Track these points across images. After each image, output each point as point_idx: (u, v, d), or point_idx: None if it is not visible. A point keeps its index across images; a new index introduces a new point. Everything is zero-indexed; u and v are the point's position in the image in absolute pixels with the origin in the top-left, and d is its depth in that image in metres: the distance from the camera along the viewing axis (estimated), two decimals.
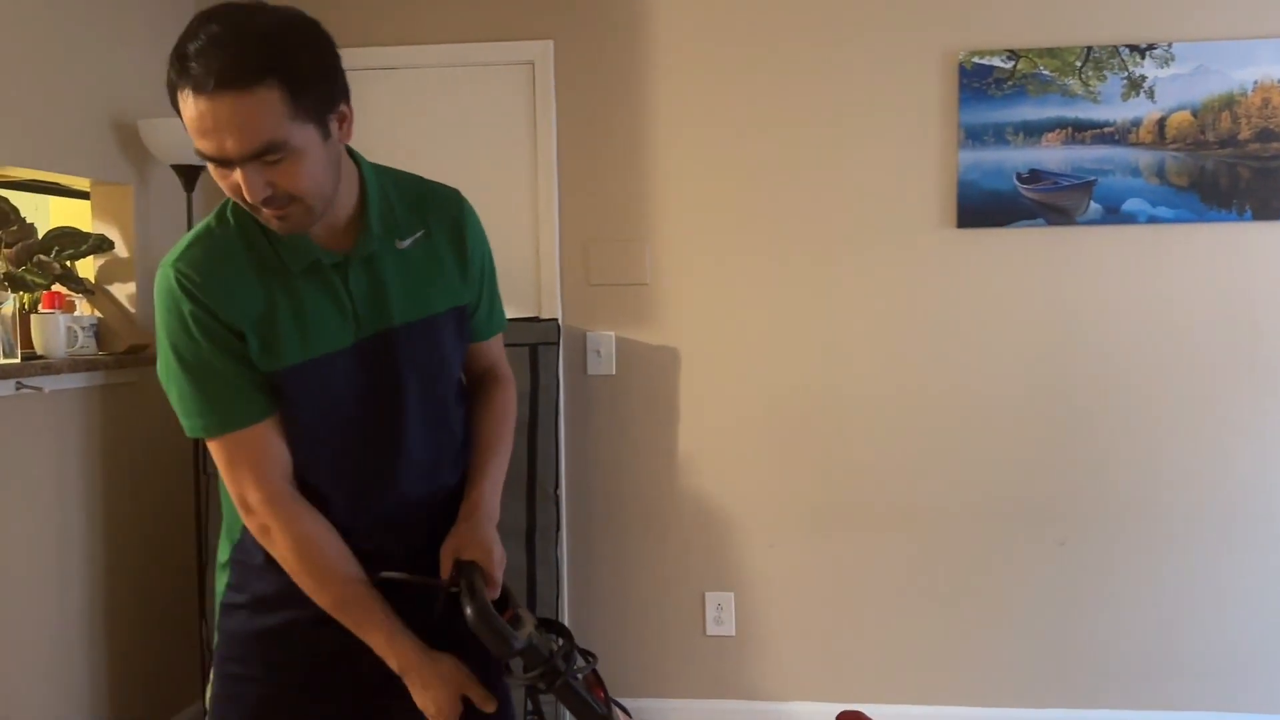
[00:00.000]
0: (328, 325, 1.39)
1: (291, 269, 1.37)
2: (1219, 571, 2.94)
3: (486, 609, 1.35)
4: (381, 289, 1.42)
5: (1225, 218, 2.87)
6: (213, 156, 1.23)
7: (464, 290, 1.51)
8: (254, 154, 1.22)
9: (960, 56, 2.92)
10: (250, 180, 1.23)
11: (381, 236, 1.42)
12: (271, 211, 1.28)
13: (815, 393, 3.07)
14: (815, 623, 3.11)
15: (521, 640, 1.36)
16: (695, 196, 3.08)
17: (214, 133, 1.21)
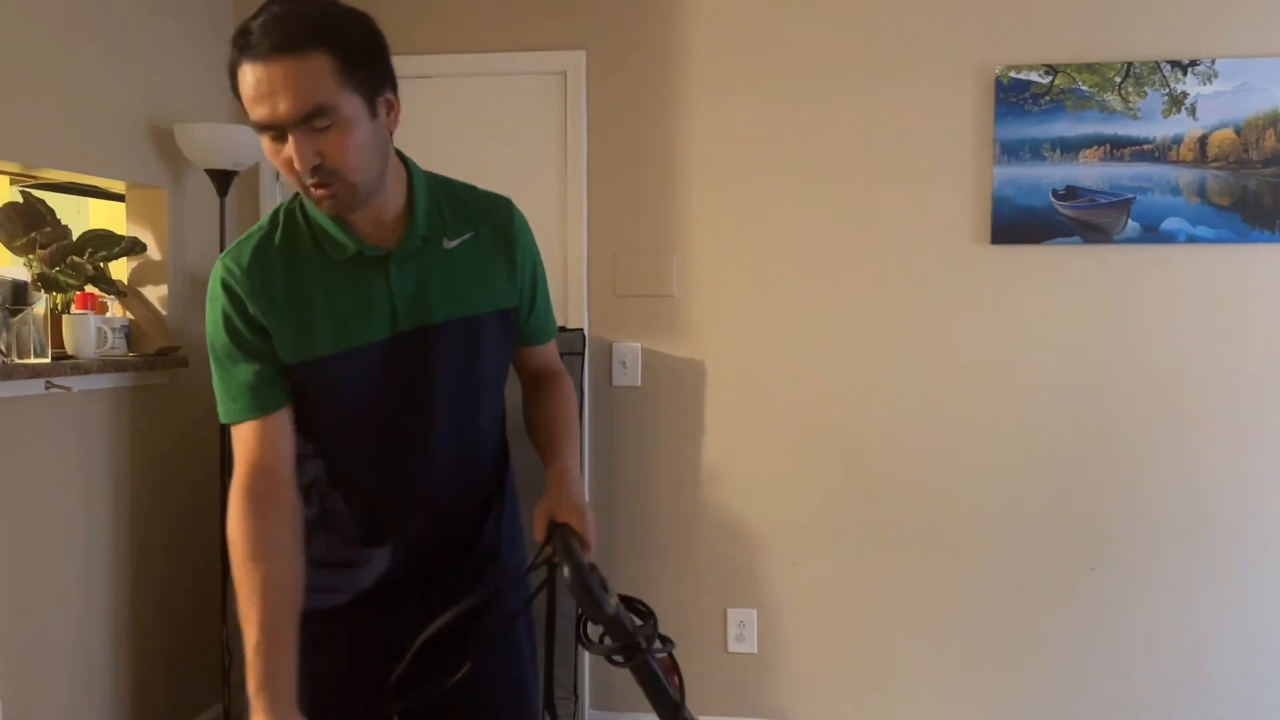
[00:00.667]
0: (364, 318, 1.42)
1: (334, 259, 1.41)
2: (1256, 602, 2.86)
3: (583, 569, 1.34)
4: (424, 285, 1.45)
5: (1268, 239, 2.80)
6: (267, 122, 1.29)
7: (510, 293, 1.53)
8: (305, 115, 1.27)
9: (997, 71, 2.88)
10: (301, 148, 1.28)
11: (427, 235, 1.45)
12: (318, 188, 1.32)
13: (842, 409, 3.03)
14: (838, 643, 3.06)
15: (612, 607, 1.34)
16: (724, 209, 3.06)
17: (269, 96, 1.27)
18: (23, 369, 2.35)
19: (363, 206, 1.38)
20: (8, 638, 2.43)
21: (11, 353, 2.38)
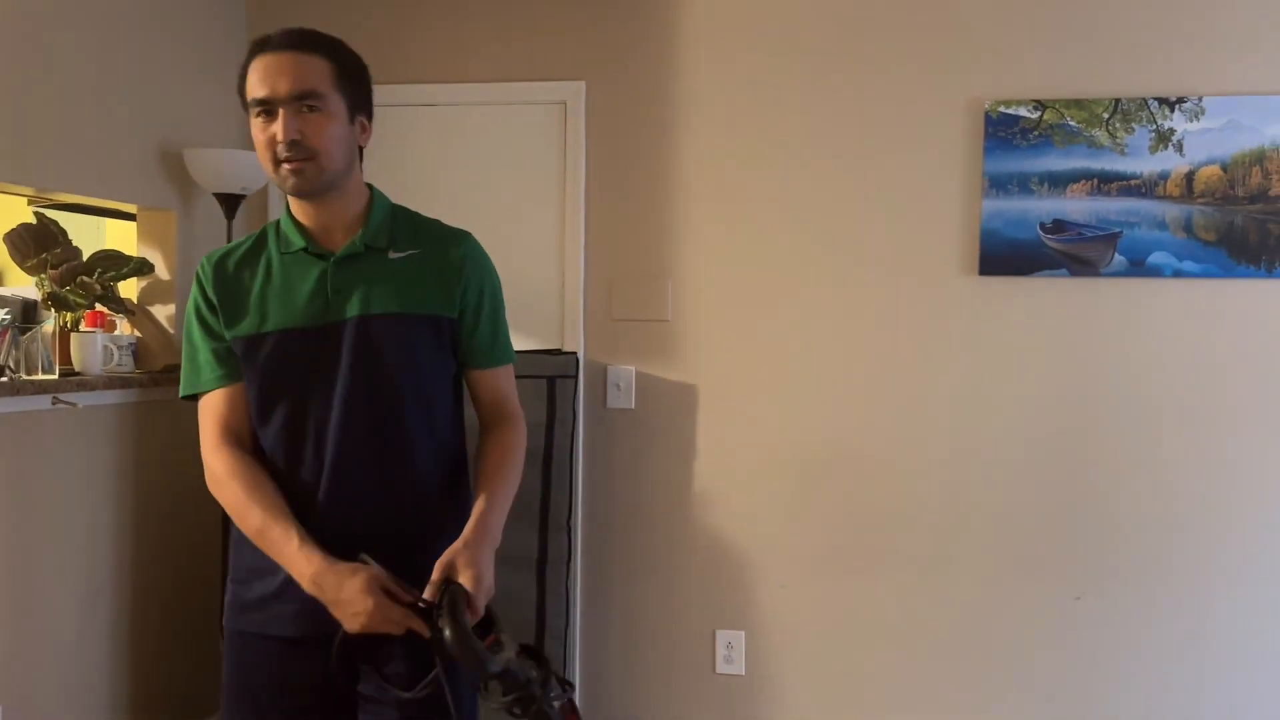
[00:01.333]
0: (295, 304, 1.60)
1: (282, 252, 1.62)
2: (1242, 634, 2.87)
3: (464, 631, 1.41)
4: (361, 284, 1.61)
5: (1254, 274, 2.83)
6: (266, 97, 1.52)
7: (446, 305, 1.65)
8: (299, 94, 1.52)
9: (987, 105, 2.93)
10: (287, 122, 1.51)
11: (371, 245, 1.63)
12: (290, 162, 1.53)
13: (832, 435, 3.07)
14: (825, 667, 3.09)
15: (498, 664, 1.41)
16: (718, 237, 3.12)
17: (270, 76, 1.52)
18: (30, 385, 2.44)
19: (320, 195, 1.58)
20: (11, 646, 2.51)
21: (20, 369, 2.47)
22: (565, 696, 1.48)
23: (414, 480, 1.64)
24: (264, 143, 1.54)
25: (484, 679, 1.41)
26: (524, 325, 3.21)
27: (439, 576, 1.49)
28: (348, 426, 1.58)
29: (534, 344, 3.19)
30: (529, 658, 1.48)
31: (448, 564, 1.50)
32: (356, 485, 1.59)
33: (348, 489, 1.59)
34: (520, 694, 1.41)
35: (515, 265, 3.22)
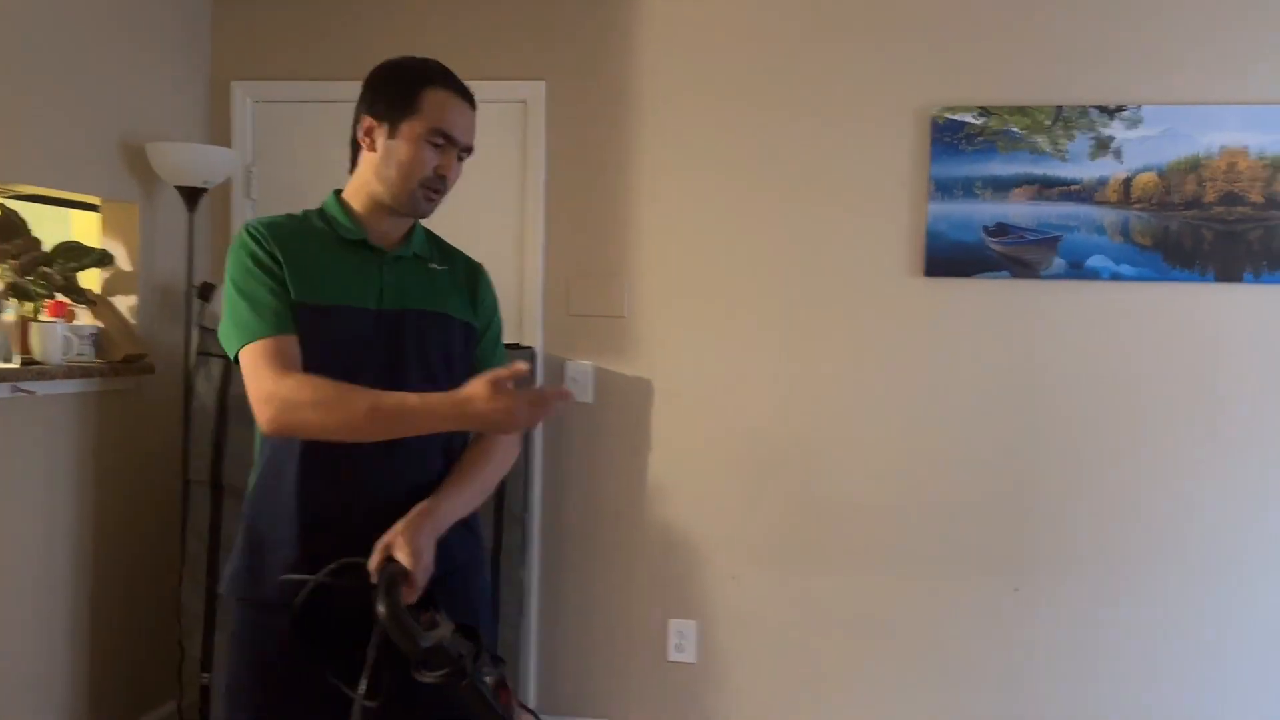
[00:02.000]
0: (356, 287, 1.70)
1: (341, 237, 1.72)
2: (1174, 623, 2.98)
3: (397, 608, 1.46)
4: (409, 282, 1.75)
5: (1187, 278, 2.93)
6: (453, 137, 1.71)
7: (472, 316, 1.81)
8: (468, 149, 1.76)
9: (933, 111, 3.02)
10: (455, 166, 1.74)
11: (418, 254, 1.79)
12: (435, 192, 1.72)
13: (783, 431, 3.15)
14: (774, 655, 3.18)
15: (430, 640, 1.46)
16: (675, 236, 3.20)
17: (464, 124, 1.74)
18: None
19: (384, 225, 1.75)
20: None
21: None
22: (497, 673, 1.52)
23: (431, 465, 1.71)
24: (425, 166, 1.69)
25: (416, 655, 1.45)
26: None
27: (379, 556, 1.55)
28: None
29: None
30: (464, 636, 1.53)
31: (388, 544, 1.56)
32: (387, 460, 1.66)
33: (379, 459, 1.65)
34: (452, 669, 1.46)
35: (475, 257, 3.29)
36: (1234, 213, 2.91)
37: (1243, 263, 2.91)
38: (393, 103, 1.71)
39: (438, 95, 1.71)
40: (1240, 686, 2.96)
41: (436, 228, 1.89)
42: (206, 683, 2.75)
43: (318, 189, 3.36)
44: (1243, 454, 2.94)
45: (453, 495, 1.67)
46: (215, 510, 2.77)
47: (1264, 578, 2.94)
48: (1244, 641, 2.95)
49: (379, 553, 1.55)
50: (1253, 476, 2.94)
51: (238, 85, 3.37)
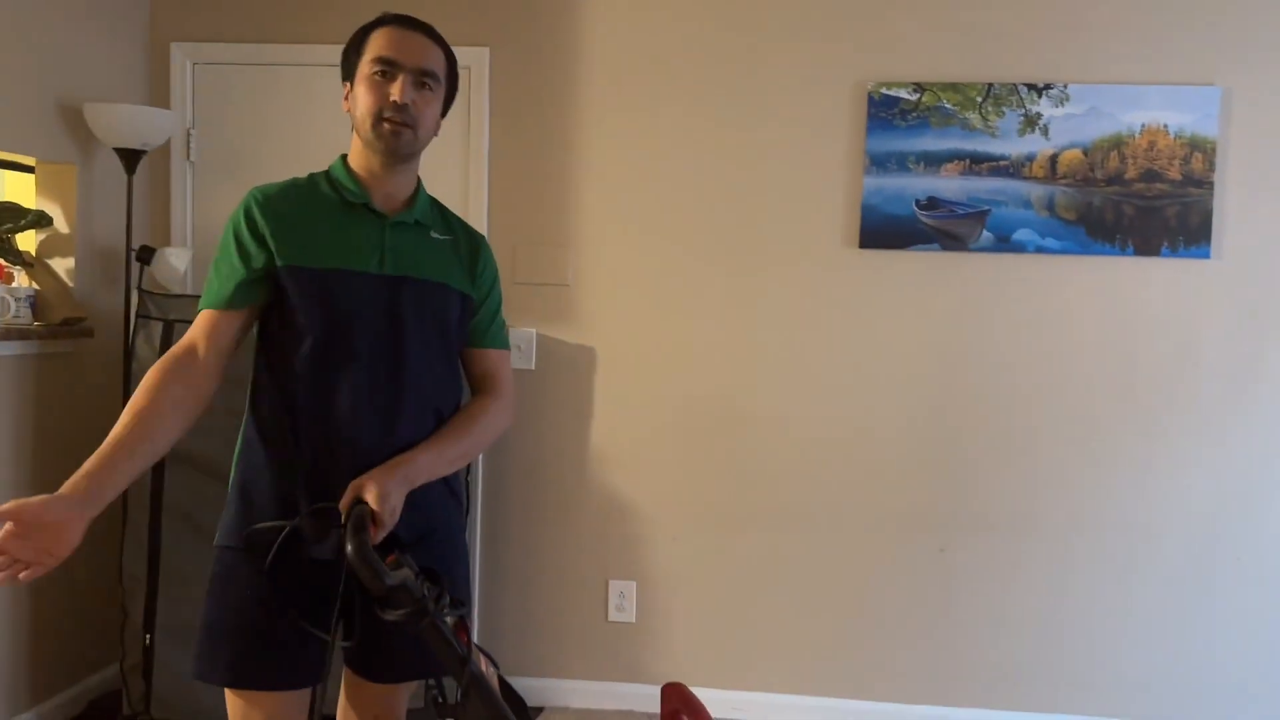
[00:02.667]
0: (356, 251, 1.73)
1: (345, 200, 1.75)
2: (1081, 583, 3.13)
3: (364, 547, 1.52)
4: (411, 249, 1.77)
5: (1108, 251, 3.05)
6: (393, 59, 1.70)
7: (470, 287, 1.84)
8: (422, 70, 1.72)
9: (870, 87, 3.09)
10: (405, 87, 1.70)
11: (420, 220, 1.80)
12: (396, 120, 1.70)
13: (722, 397, 3.24)
14: (711, 613, 3.28)
15: (394, 579, 1.51)
16: (617, 206, 3.24)
17: (402, 44, 1.71)
18: None
19: (399, 163, 1.75)
20: None
21: None
22: (457, 613, 1.58)
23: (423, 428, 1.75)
24: (375, 99, 1.70)
25: (379, 592, 1.50)
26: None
27: (349, 497, 1.61)
28: (377, 365, 1.71)
29: None
30: (427, 579, 1.59)
31: (358, 485, 1.62)
32: (377, 418, 1.70)
33: (370, 417, 1.70)
34: (414, 608, 1.51)
35: None
36: (1153, 189, 3.03)
37: (1160, 237, 3.04)
38: (348, 58, 1.77)
39: (379, 32, 1.74)
40: (1145, 637, 3.12)
41: None
42: (149, 644, 2.77)
43: (258, 151, 3.38)
44: (1157, 420, 3.08)
45: (433, 451, 1.72)
46: (157, 475, 2.78)
47: (1170, 537, 3.09)
48: (1149, 596, 3.11)
49: (349, 494, 1.61)
50: (1166, 442, 3.08)
51: (177, 46, 3.33)
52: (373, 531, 1.59)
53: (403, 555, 1.60)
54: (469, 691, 1.55)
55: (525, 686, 3.32)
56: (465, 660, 1.55)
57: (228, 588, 1.71)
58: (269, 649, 1.70)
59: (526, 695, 3.32)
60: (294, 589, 1.69)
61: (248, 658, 1.69)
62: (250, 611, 1.69)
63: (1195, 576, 3.09)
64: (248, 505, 1.72)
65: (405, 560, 1.58)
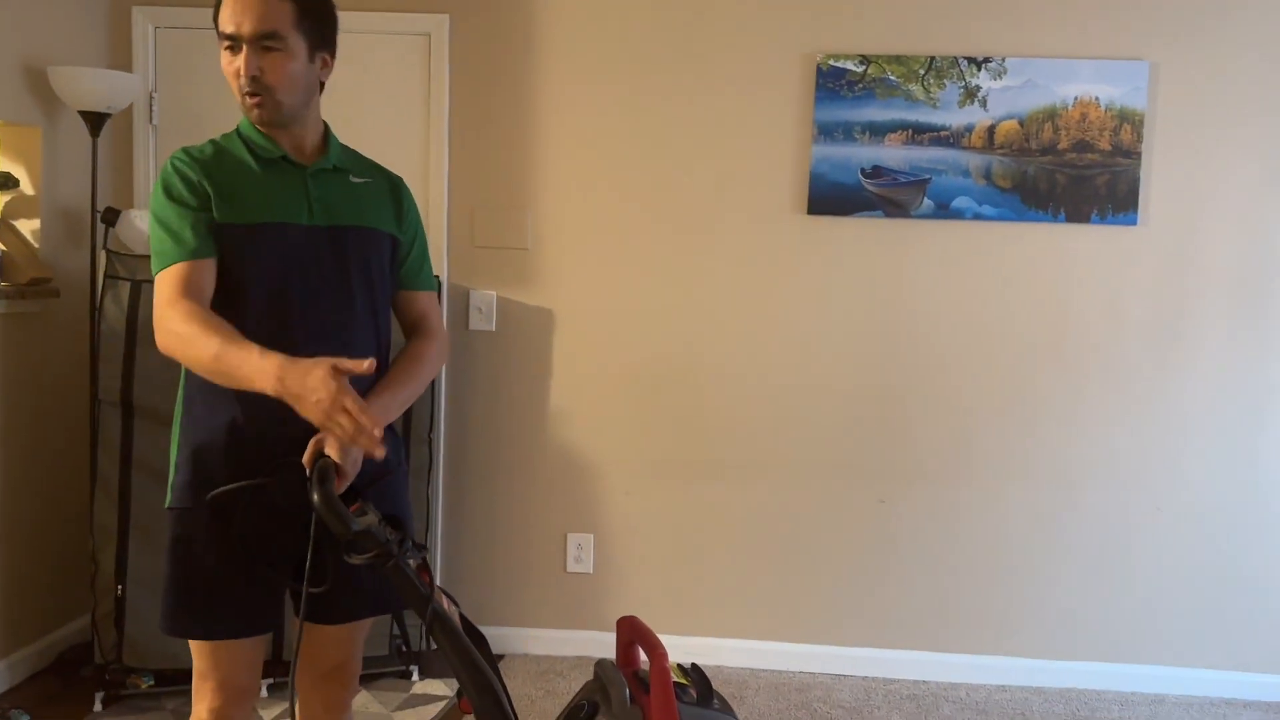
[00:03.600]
0: (283, 204, 1.76)
1: (262, 158, 1.77)
2: (1022, 530, 3.32)
3: (330, 496, 1.61)
4: (335, 197, 1.81)
5: (1042, 218, 3.22)
6: (231, 33, 1.68)
7: (398, 230, 1.89)
8: (260, 35, 1.68)
9: (818, 58, 3.22)
10: (248, 60, 1.68)
11: (337, 166, 1.83)
12: (251, 96, 1.71)
13: (675, 356, 3.37)
14: (665, 564, 3.43)
15: (359, 524, 1.61)
16: (575, 171, 3.35)
17: (237, 15, 1.68)
18: None
19: (284, 125, 1.76)
20: None
21: None
22: (420, 557, 1.70)
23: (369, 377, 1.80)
24: (230, 74, 1.72)
25: (346, 538, 1.60)
26: None
27: (312, 449, 1.69)
28: (325, 316, 1.76)
29: None
30: (391, 525, 1.70)
31: (320, 439, 1.69)
32: None
33: None
34: (379, 552, 1.62)
35: None
36: (1084, 159, 3.19)
37: (1091, 205, 3.20)
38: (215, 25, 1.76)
39: (223, 5, 1.71)
40: (1072, 582, 3.32)
41: None
42: (120, 594, 2.86)
43: (220, 115, 3.44)
44: (1085, 377, 3.27)
45: (385, 397, 1.80)
46: (126, 429, 2.85)
47: (1096, 487, 3.29)
48: (1076, 543, 3.31)
49: (311, 448, 1.68)
50: (1094, 399, 3.27)
51: (139, 10, 3.37)
52: (336, 482, 1.70)
53: (365, 503, 1.71)
54: (432, 627, 1.67)
55: (487, 635, 3.45)
56: (428, 599, 1.67)
57: (191, 547, 1.75)
58: (235, 602, 1.77)
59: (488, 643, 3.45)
60: (257, 544, 1.76)
61: (216, 612, 1.76)
62: (216, 569, 1.75)
63: (1119, 524, 3.30)
64: (200, 466, 1.75)
65: (368, 508, 1.69)
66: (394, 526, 1.70)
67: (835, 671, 3.39)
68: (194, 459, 1.76)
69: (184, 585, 1.76)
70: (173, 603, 1.77)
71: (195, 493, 1.75)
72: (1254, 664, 3.30)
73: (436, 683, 3.15)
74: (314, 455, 1.69)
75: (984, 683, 3.34)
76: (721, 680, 3.30)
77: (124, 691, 2.92)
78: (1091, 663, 3.33)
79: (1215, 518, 3.27)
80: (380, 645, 3.12)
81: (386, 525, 1.68)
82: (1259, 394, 3.23)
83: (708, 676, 1.79)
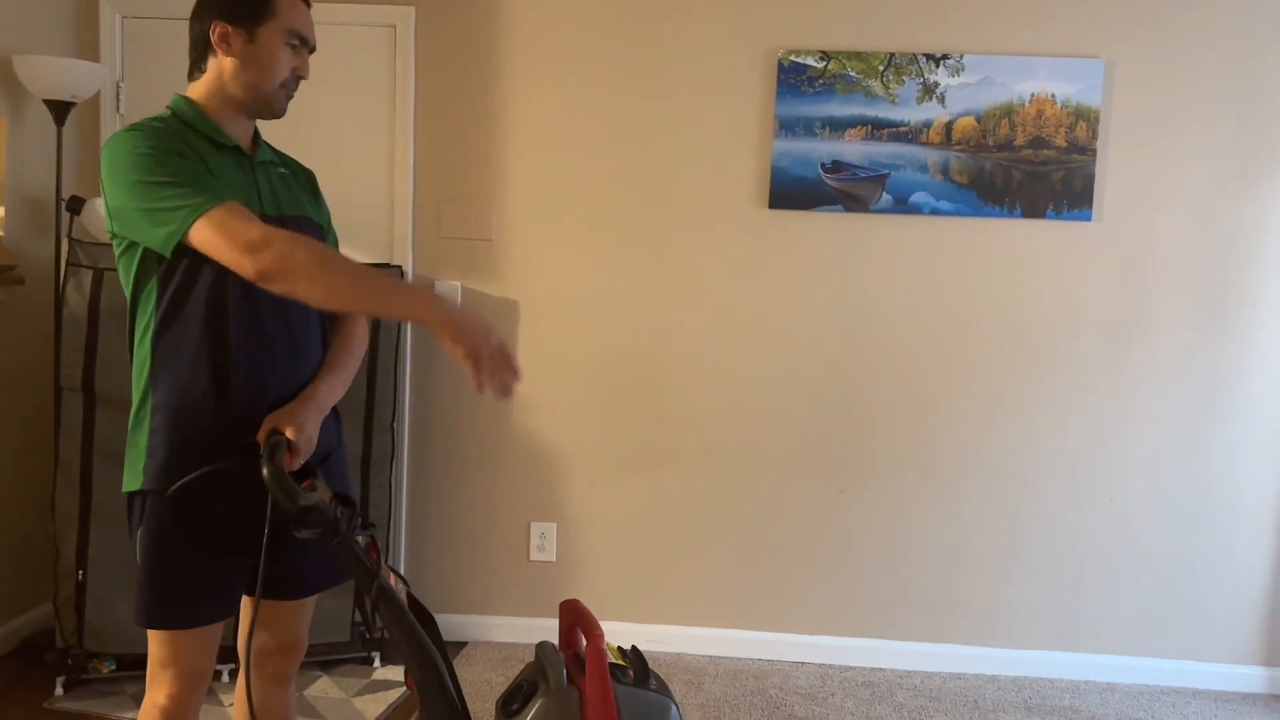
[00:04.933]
0: (244, 193, 1.78)
1: (223, 144, 1.78)
2: (978, 521, 3.38)
3: (279, 470, 1.64)
4: (275, 186, 1.86)
5: (998, 214, 3.27)
6: (305, 38, 1.82)
7: (320, 217, 1.95)
8: (314, 47, 1.86)
9: (780, 54, 3.26)
10: (307, 64, 1.84)
11: (270, 159, 1.88)
12: (292, 91, 1.83)
13: (638, 348, 3.41)
14: (627, 553, 3.47)
15: (308, 500, 1.64)
16: (540, 164, 3.38)
17: (310, 25, 1.84)
18: None
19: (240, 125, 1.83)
20: None
21: None
22: (368, 534, 1.73)
23: (312, 352, 1.87)
24: (285, 68, 1.79)
25: (295, 512, 1.63)
26: (354, 240, 3.43)
27: (266, 428, 1.73)
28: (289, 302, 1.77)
29: (363, 258, 3.40)
30: (342, 504, 1.73)
31: (274, 419, 1.74)
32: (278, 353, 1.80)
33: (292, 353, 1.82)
34: (327, 528, 1.65)
35: (346, 182, 3.42)
36: (1040, 155, 3.24)
37: (1046, 200, 3.25)
38: (250, 7, 1.76)
39: (295, 7, 1.80)
40: (1028, 571, 3.38)
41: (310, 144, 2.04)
42: (81, 579, 2.88)
43: None
44: (1041, 371, 3.32)
45: (330, 379, 1.86)
46: (88, 415, 2.88)
47: (1051, 478, 3.35)
48: (1032, 533, 3.37)
49: (265, 427, 1.73)
50: (1049, 392, 3.32)
51: (106, 1, 3.38)
52: (289, 460, 1.73)
53: (317, 480, 1.74)
54: (378, 603, 1.70)
55: (451, 623, 3.49)
56: (374, 575, 1.70)
57: (168, 536, 1.75)
58: (210, 588, 1.79)
59: (452, 631, 3.49)
60: (225, 526, 1.79)
61: (195, 600, 1.77)
62: (192, 555, 1.77)
63: (1073, 515, 3.35)
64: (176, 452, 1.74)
65: (319, 484, 1.73)
66: (345, 505, 1.73)
67: (792, 659, 3.44)
68: (171, 439, 1.74)
69: (163, 575, 1.76)
70: (153, 594, 1.76)
71: (172, 475, 1.74)
72: (1204, 653, 3.37)
73: (397, 669, 3.18)
74: (267, 434, 1.73)
75: (938, 670, 3.40)
76: (680, 668, 3.34)
77: (85, 676, 2.95)
78: (1044, 651, 3.39)
79: (1166, 510, 3.33)
80: (342, 631, 3.15)
81: (337, 503, 1.72)
82: (1210, 388, 3.29)
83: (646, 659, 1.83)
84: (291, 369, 1.83)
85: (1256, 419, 3.29)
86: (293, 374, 1.83)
